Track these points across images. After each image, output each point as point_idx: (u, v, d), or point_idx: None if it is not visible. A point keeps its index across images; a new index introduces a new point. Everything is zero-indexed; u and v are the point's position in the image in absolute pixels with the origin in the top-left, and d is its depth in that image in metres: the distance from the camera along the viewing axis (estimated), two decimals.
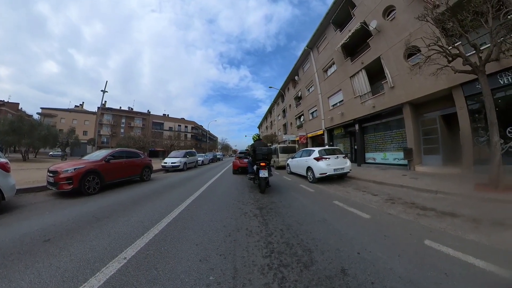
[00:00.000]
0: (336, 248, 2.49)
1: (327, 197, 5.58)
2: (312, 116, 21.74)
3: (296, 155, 10.62)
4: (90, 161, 7.20)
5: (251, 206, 4.54)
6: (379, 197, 5.37)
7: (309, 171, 8.25)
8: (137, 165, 8.79)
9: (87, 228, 3.27)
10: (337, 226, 3.30)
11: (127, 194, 6.44)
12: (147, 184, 8.46)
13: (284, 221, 3.50)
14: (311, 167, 8.05)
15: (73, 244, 2.67)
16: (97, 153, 8.19)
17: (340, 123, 16.22)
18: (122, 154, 8.39)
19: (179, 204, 4.75)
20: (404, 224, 3.29)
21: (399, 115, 11.41)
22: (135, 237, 2.85)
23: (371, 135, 14.07)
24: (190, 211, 4.13)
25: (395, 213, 3.91)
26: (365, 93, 14.08)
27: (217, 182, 8.57)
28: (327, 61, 18.10)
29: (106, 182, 7.12)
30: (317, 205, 4.74)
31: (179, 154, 16.00)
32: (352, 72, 14.83)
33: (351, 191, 6.36)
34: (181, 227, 3.24)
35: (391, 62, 11.44)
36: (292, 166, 10.74)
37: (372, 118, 13.56)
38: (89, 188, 6.38)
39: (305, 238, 2.78)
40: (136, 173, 8.73)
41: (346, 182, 8.23)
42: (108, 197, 5.98)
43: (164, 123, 63.13)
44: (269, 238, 2.80)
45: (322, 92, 18.99)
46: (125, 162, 8.21)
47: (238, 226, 3.28)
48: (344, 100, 15.95)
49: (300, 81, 24.46)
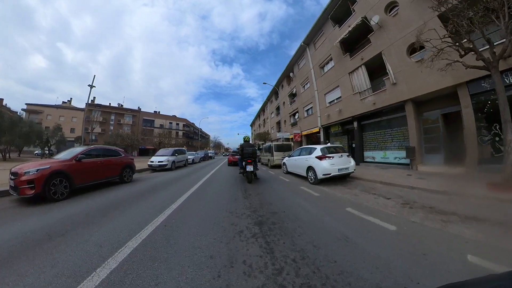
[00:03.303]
0: (376, 285, 1.77)
1: (337, 203, 4.81)
2: (307, 114, 21.09)
3: (293, 153, 9.83)
4: (58, 161, 6.18)
5: (247, 220, 3.61)
6: (393, 201, 4.83)
7: (310, 171, 7.46)
8: (115, 164, 7.74)
9: (26, 255, 2.38)
10: (364, 245, 2.54)
11: (100, 200, 5.47)
12: (127, 186, 7.45)
13: (294, 243, 2.62)
14: (312, 166, 7.27)
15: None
16: (70, 151, 7.13)
17: (337, 120, 15.62)
18: (97, 152, 7.32)
19: (156, 216, 3.82)
20: (436, 236, 2.86)
21: (401, 112, 11.01)
22: (82, 276, 1.96)
23: (371, 133, 13.56)
24: (167, 230, 3.17)
25: (419, 220, 3.46)
26: (365, 90, 13.61)
27: (206, 185, 7.69)
28: (324, 57, 17.57)
29: (77, 186, 6.12)
30: (329, 215, 3.93)
31: (167, 152, 14.89)
32: (351, 68, 14.38)
33: (359, 194, 5.70)
34: (149, 259, 2.30)
35: (393, 58, 11.01)
36: (289, 165, 9.96)
37: (372, 115, 13.09)
38: (55, 193, 5.41)
39: (330, 273, 1.95)
40: (114, 174, 7.69)
41: (350, 182, 7.54)
42: (76, 204, 5.02)
43: (155, 120, 61.27)
44: (279, 278, 1.91)
45: (318, 89, 18.34)
46: (101, 162, 7.16)
47: (231, 256, 2.33)
48: (342, 97, 15.35)
49: (295, 77, 23.75)
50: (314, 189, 6.45)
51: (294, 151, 9.99)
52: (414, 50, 9.68)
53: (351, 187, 6.77)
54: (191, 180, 8.85)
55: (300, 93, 22.44)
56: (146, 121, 59.38)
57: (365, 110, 13.14)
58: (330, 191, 6.13)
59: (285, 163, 10.50)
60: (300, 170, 8.44)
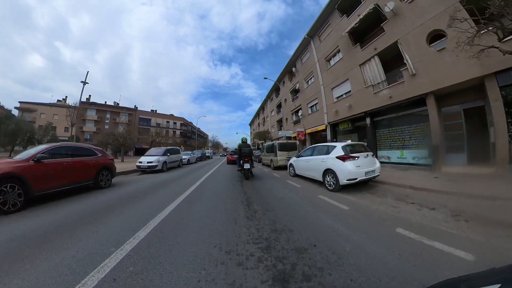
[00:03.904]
0: None
1: (378, 222, 3.47)
2: (312, 110, 19.70)
3: (303, 153, 8.43)
4: (10, 162, 4.82)
5: (255, 271, 2.02)
6: (441, 212, 3.87)
7: (328, 175, 6.06)
8: (89, 166, 6.30)
9: None
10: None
11: (63, 212, 4.17)
12: (102, 193, 6.03)
13: None
14: (332, 169, 5.87)
15: None
16: (32, 150, 5.72)
17: (347, 116, 14.25)
18: (64, 151, 5.86)
19: (126, 240, 2.60)
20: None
21: (420, 107, 9.78)
22: None
23: (385, 131, 12.25)
24: (139, 265, 1.93)
25: (486, 239, 2.66)
26: (379, 82, 12.34)
27: (199, 191, 6.32)
28: (331, 49, 16.27)
29: (36, 193, 4.76)
30: (379, 243, 2.59)
31: (158, 151, 13.35)
32: (363, 59, 13.12)
33: (397, 205, 4.45)
34: None
35: (411, 47, 9.92)
36: (297, 167, 8.57)
37: (387, 110, 11.76)
38: (4, 203, 4.12)
39: None
40: (87, 178, 6.24)
41: (374, 188, 6.22)
42: (31, 218, 3.79)
43: (152, 119, 59.63)
44: None
45: (324, 83, 16.97)
46: (69, 163, 5.72)
47: None
48: (352, 91, 14.02)
49: (298, 72, 22.36)
50: (338, 198, 5.07)
51: (304, 150, 8.57)
52: (433, 39, 8.96)
53: (380, 194, 5.46)
54: (184, 183, 7.48)
55: (303, 89, 21.04)
56: (143, 120, 57.79)
57: (380, 105, 11.85)
58: (359, 202, 4.77)
59: (293, 164, 9.09)
60: (313, 173, 7.03)
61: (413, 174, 8.41)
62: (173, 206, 4.53)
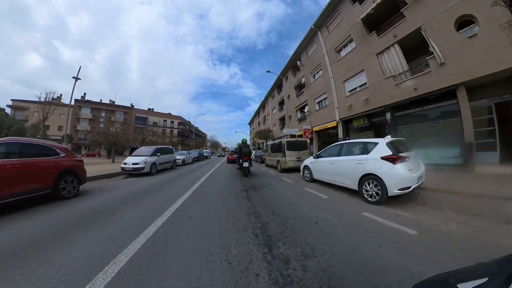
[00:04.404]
0: None
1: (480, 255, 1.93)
2: (319, 106, 18.12)
3: (324, 152, 6.80)
4: None
5: None
6: None
7: (368, 182, 4.49)
8: (44, 169, 4.67)
9: None
10: None
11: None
12: (61, 207, 4.42)
13: None
14: (375, 175, 4.30)
15: None
16: None
17: (363, 112, 12.72)
18: (10, 149, 4.26)
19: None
20: None
21: (449, 100, 8.69)
22: None
23: (407, 127, 10.84)
24: None
25: None
26: (400, 73, 10.92)
27: (192, 202, 4.79)
28: (342, 39, 14.85)
29: None
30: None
31: (147, 151, 11.53)
32: (380, 48, 11.78)
33: (467, 221, 3.29)
34: None
35: (436, 34, 8.92)
36: (317, 170, 6.94)
37: (411, 104, 10.39)
38: None
39: None
40: (42, 186, 4.60)
41: (417, 196, 4.80)
42: None
43: (148, 118, 57.80)
44: None
45: (335, 76, 15.44)
46: (15, 165, 4.13)
47: None
48: (368, 83, 12.54)
49: (304, 66, 20.78)
50: (390, 216, 3.53)
51: (325, 149, 6.92)
52: (461, 25, 8.23)
53: (432, 205, 4.13)
54: (174, 191, 5.88)
55: (310, 83, 19.44)
56: (139, 119, 55.94)
57: (403, 98, 10.47)
58: (421, 220, 3.33)
59: (309, 166, 7.45)
60: (342, 179, 5.41)
61: (447, 176, 7.19)
62: (150, 232, 2.98)
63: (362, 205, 4.35)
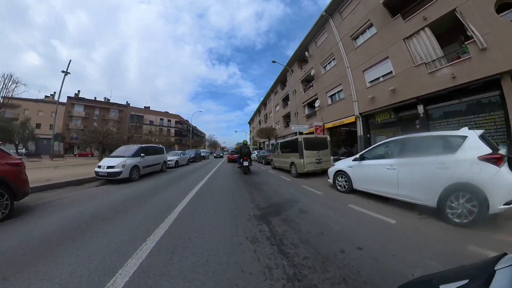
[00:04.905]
0: None
1: None
2: (332, 100, 16.33)
3: (369, 152, 4.98)
4: None
5: None
6: None
7: (458, 195, 2.84)
8: None
9: None
10: None
11: None
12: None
13: None
14: (474, 184, 2.72)
15: None
16: None
17: (389, 104, 10.93)
18: None
19: None
20: None
21: (491, 91, 7.59)
22: None
23: (442, 122, 9.24)
24: None
25: None
26: (434, 60, 9.34)
27: (179, 236, 2.96)
28: (359, 25, 13.20)
29: None
30: None
31: (127, 151, 9.19)
32: (408, 32, 10.20)
33: None
34: None
35: (475, 17, 7.78)
36: (360, 178, 5.01)
37: (448, 96, 8.79)
38: None
39: None
40: None
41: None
42: None
43: (144, 116, 55.66)
44: None
45: (352, 65, 13.65)
46: None
47: None
48: (395, 72, 10.83)
49: (312, 57, 18.97)
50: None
51: (372, 147, 5.08)
52: (501, 8, 7.38)
53: None
54: (157, 207, 4.05)
55: (320, 75, 17.62)
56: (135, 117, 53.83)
57: (439, 88, 8.83)
58: None
59: (346, 172, 5.38)
60: (409, 192, 3.55)
61: None
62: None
63: (455, 233, 2.67)
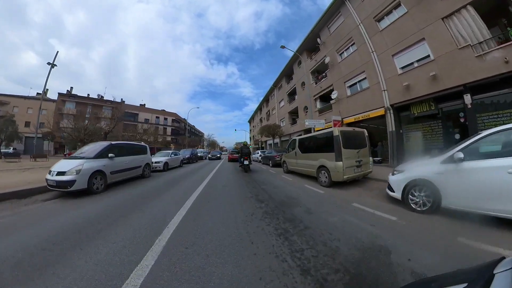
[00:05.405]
0: None
1: None
2: (352, 91, 14.73)
3: (467, 148, 3.31)
4: None
5: None
6: None
7: None
8: None
9: None
10: None
11: None
12: None
13: None
14: None
15: None
16: None
17: (430, 93, 9.44)
18: None
19: None
20: None
21: None
22: None
23: (491, 115, 7.82)
24: None
25: None
26: (481, 41, 7.94)
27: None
28: (385, 5, 11.69)
29: None
30: None
31: (91, 150, 6.88)
32: (447, 11, 8.81)
33: None
34: None
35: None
36: (460, 190, 3.31)
37: (499, 83, 7.44)
38: None
39: None
40: None
41: None
42: None
43: (139, 114, 53.36)
44: None
45: (377, 50, 12.18)
46: None
47: None
48: (433, 55, 9.37)
49: (325, 45, 17.39)
50: None
51: (475, 140, 3.30)
52: None
53: None
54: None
55: (336, 63, 16.00)
56: (129, 115, 51.47)
57: (490, 74, 7.47)
58: None
59: (432, 182, 3.66)
60: None
61: None
62: None
63: None
